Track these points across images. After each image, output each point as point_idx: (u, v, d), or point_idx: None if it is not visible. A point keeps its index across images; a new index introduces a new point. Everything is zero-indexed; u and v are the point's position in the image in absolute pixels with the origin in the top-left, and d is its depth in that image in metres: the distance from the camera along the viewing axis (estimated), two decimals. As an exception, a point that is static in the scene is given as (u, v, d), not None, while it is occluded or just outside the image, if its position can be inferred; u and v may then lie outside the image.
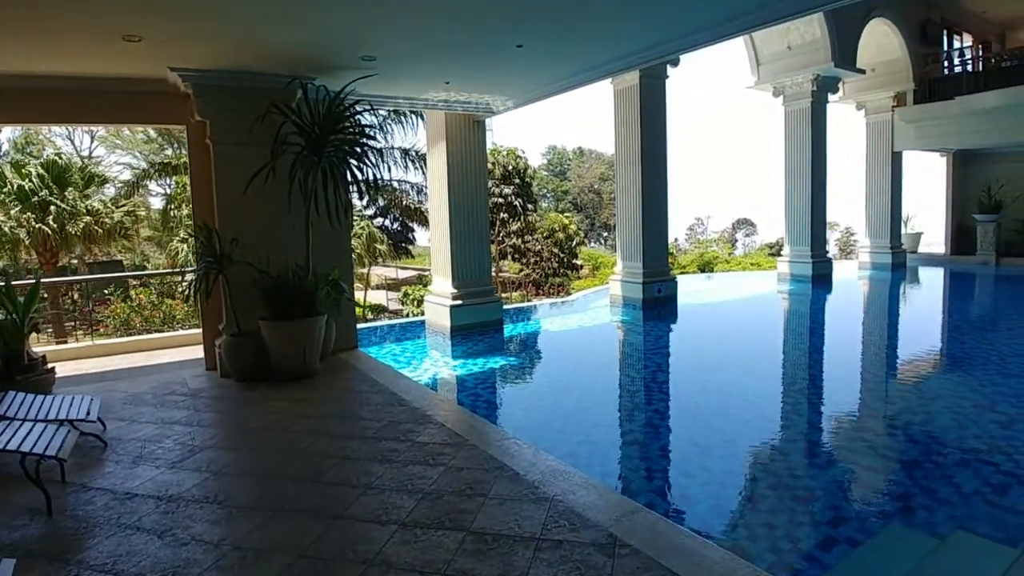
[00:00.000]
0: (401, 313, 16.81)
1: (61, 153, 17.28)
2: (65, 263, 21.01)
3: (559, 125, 78.27)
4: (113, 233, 14.96)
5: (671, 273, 11.11)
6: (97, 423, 4.38)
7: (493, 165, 21.11)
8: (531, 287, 20.66)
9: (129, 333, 9.83)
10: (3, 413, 3.98)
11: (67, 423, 4.17)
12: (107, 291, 11.86)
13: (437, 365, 7.22)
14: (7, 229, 13.99)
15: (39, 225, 13.63)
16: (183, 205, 15.04)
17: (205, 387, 5.61)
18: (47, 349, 7.03)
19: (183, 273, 8.30)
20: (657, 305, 10.26)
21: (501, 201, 21.46)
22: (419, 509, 3.05)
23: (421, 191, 21.52)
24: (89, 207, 14.48)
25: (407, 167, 20.53)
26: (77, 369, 6.54)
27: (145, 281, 12.09)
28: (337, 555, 2.67)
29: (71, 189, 14.46)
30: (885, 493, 3.78)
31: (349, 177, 5.66)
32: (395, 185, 21.50)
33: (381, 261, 20.54)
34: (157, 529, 2.99)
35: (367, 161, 5.76)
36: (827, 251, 13.36)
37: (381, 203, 21.64)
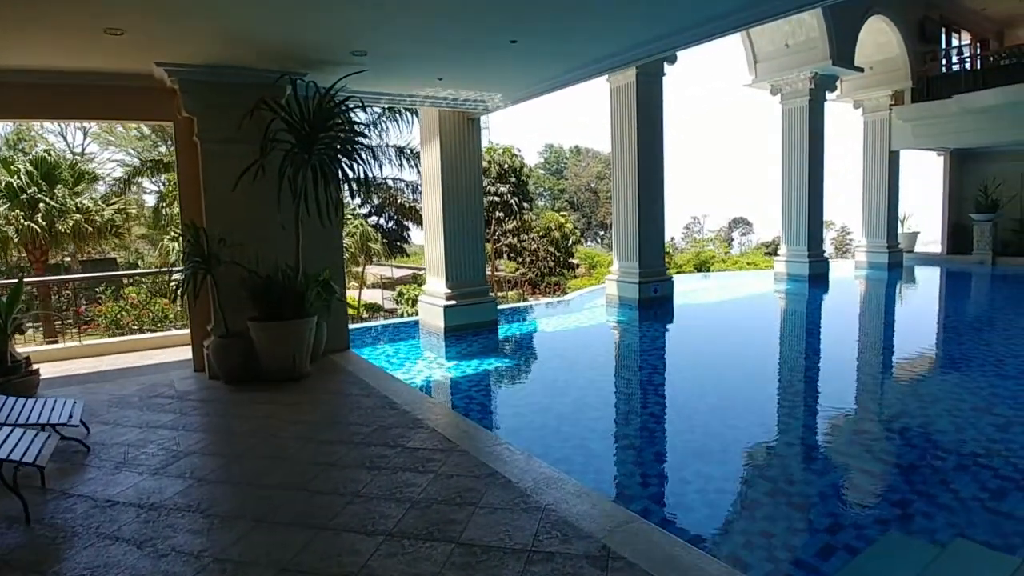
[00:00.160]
0: (396, 312, 16.71)
1: (50, 150, 17.04)
2: (58, 261, 20.83)
3: (556, 123, 78.31)
4: (104, 231, 14.77)
5: (667, 273, 11.04)
6: (80, 427, 4.28)
7: (489, 163, 21.01)
8: (527, 286, 20.59)
9: (121, 332, 9.71)
10: (-19, 418, 3.87)
11: (48, 427, 4.07)
12: (98, 290, 11.73)
13: (430, 367, 7.13)
14: (-5, 227, 13.82)
15: (28, 223, 13.44)
16: (175, 203, 14.88)
17: (193, 389, 5.50)
18: (32, 350, 6.91)
19: (170, 273, 8.17)
20: (653, 305, 10.19)
21: (497, 200, 21.38)
22: (407, 519, 2.96)
23: (416, 189, 21.37)
24: (79, 205, 14.28)
25: (402, 165, 20.41)
26: (63, 370, 6.42)
27: (136, 280, 11.95)
28: (320, 568, 2.58)
29: (60, 186, 14.26)
30: (883, 498, 3.72)
31: (340, 175, 5.57)
32: (390, 183, 21.36)
33: (376, 260, 20.42)
34: (137, 539, 2.91)
35: (358, 159, 5.66)
36: (824, 250, 13.30)
37: (376, 201, 21.50)
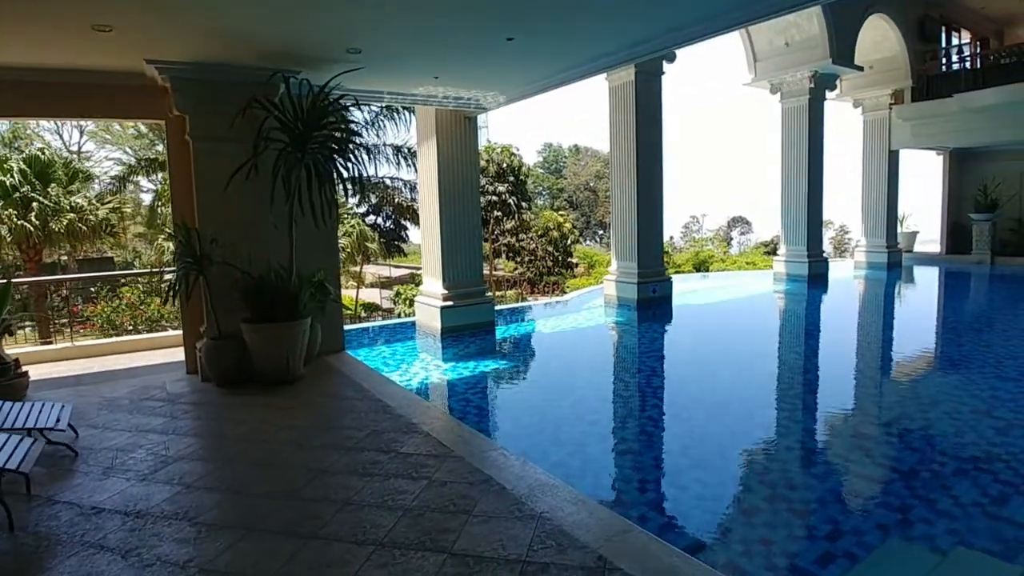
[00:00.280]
0: (394, 312, 16.65)
1: (44, 148, 16.90)
2: (55, 260, 20.69)
3: (555, 122, 78.21)
4: (98, 230, 14.65)
5: (666, 273, 10.97)
6: (68, 431, 4.21)
7: (487, 162, 20.96)
8: (526, 285, 20.53)
9: (116, 333, 9.62)
10: (-35, 422, 3.80)
11: (35, 432, 4.00)
12: (93, 289, 11.63)
13: (426, 369, 7.06)
14: (-12, 225, 13.69)
15: (21, 222, 13.32)
16: (170, 202, 14.75)
17: (185, 392, 5.43)
18: (23, 351, 6.83)
19: (162, 273, 8.08)
20: (652, 306, 10.13)
21: (495, 199, 21.31)
22: (399, 528, 2.89)
23: (414, 188, 21.28)
24: (73, 204, 14.16)
25: (399, 164, 20.30)
26: (55, 372, 6.34)
27: (130, 280, 11.85)
28: (308, 580, 2.52)
29: (54, 185, 14.14)
30: (883, 504, 3.66)
31: (335, 174, 5.49)
32: (387, 182, 21.26)
33: (373, 260, 20.33)
34: (122, 548, 2.84)
35: (353, 158, 5.58)
36: (823, 250, 13.24)
37: (373, 201, 21.40)
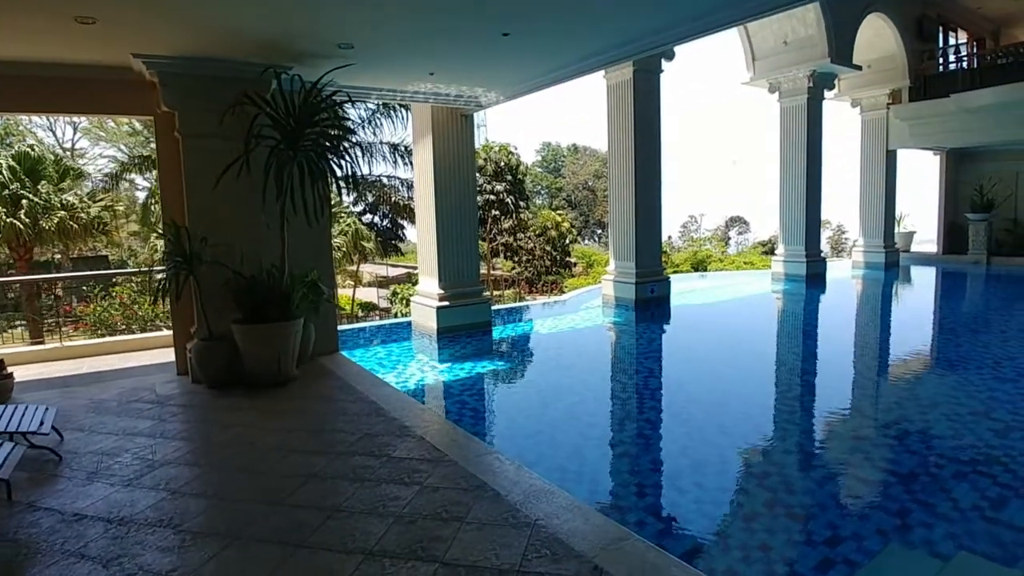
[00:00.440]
0: (391, 312, 16.54)
1: (34, 145, 16.69)
2: (47, 259, 20.47)
3: (554, 121, 78.03)
4: (90, 228, 14.48)
5: (664, 273, 10.91)
6: (52, 435, 4.11)
7: (485, 161, 20.86)
8: (524, 285, 20.45)
9: (109, 332, 9.51)
10: (-55, 426, 3.70)
11: (17, 436, 3.90)
12: (85, 288, 11.51)
13: (422, 370, 6.97)
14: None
15: (10, 220, 13.14)
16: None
17: (174, 394, 5.32)
18: (9, 351, 6.72)
19: (151, 273, 7.97)
20: (650, 306, 10.07)
21: (493, 198, 21.22)
22: (389, 536, 2.81)
23: (411, 187, 21.14)
24: (64, 201, 13.98)
25: (396, 162, 20.15)
26: (43, 372, 6.23)
27: (124, 280, 11.71)
28: (295, 591, 2.43)
29: (45, 182, 13.94)
30: (882, 508, 3.60)
31: (328, 172, 5.39)
32: (384, 180, 21.12)
33: (370, 259, 20.20)
34: (104, 557, 2.75)
35: (346, 155, 5.48)
36: (821, 250, 13.21)
37: (369, 199, 21.27)
